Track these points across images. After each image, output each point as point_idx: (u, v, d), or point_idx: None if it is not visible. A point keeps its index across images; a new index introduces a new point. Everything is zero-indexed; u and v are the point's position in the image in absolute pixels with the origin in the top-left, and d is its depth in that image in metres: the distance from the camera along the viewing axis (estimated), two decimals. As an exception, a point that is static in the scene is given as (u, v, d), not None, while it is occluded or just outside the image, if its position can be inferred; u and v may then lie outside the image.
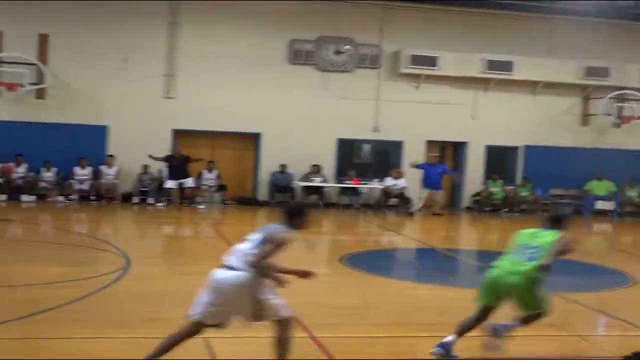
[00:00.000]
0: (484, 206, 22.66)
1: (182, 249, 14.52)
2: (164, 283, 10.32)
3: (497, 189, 22.69)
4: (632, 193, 23.20)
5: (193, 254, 13.66)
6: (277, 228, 6.29)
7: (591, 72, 22.97)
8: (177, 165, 20.29)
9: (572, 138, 23.65)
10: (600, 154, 23.53)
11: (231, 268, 6.17)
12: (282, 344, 6.27)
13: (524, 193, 22.73)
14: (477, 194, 23.05)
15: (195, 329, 6.27)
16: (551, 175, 23.18)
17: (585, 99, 23.72)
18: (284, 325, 6.24)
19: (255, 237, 6.27)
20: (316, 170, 21.62)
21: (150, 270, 11.20)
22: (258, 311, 6.16)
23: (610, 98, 23.05)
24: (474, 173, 23.12)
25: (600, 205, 23.01)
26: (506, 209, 22.43)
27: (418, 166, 21.44)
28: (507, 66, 22.50)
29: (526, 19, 22.98)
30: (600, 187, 23.15)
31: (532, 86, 23.26)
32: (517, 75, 22.63)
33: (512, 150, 23.48)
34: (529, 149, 23.40)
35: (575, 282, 11.80)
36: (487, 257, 14.66)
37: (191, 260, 12.58)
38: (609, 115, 23.04)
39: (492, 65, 22.40)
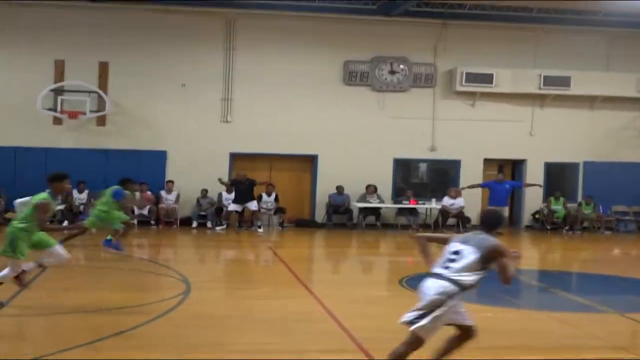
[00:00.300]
0: (544, 224, 22.32)
1: (242, 272, 14.57)
2: (225, 307, 10.35)
3: (558, 207, 22.32)
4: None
5: (253, 277, 13.71)
6: (486, 239, 6.59)
7: (653, 84, 22.58)
8: (244, 189, 20.40)
9: (633, 153, 23.20)
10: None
11: (442, 278, 6.46)
12: (454, 346, 6.76)
13: (587, 211, 22.32)
14: (537, 212, 22.72)
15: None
16: (612, 191, 22.77)
17: (649, 113, 23.31)
18: (466, 331, 6.70)
19: (465, 249, 6.54)
20: (372, 190, 21.56)
21: (211, 294, 11.25)
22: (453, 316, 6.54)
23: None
24: (534, 190, 22.78)
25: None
26: (567, 227, 22.04)
27: (483, 185, 21.22)
28: (564, 81, 22.23)
29: (582, 33, 22.70)
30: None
31: (590, 101, 22.92)
32: (574, 90, 22.34)
33: (572, 166, 23.13)
34: (589, 165, 23.02)
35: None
36: (549, 277, 14.50)
37: (252, 284, 12.63)
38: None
39: (549, 80, 22.16)
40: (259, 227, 20.44)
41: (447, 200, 21.54)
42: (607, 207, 22.69)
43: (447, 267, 6.53)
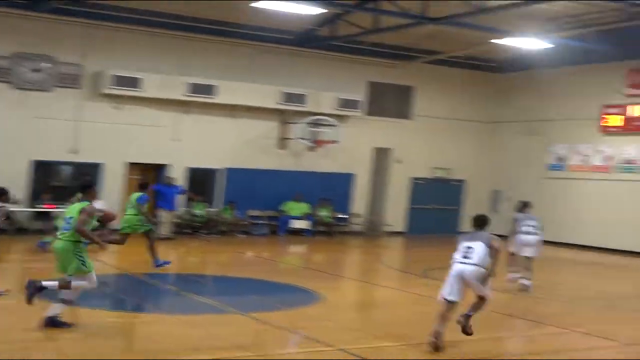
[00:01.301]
0: (184, 228, 22.76)
1: None
2: None
3: (199, 211, 22.98)
4: (323, 213, 24.66)
5: None
6: (486, 234, 9.73)
7: (289, 97, 24.11)
8: None
9: (270, 160, 24.64)
10: (296, 176, 24.76)
11: (471, 264, 9.39)
12: (477, 308, 9.66)
13: (227, 215, 23.26)
14: (177, 217, 23.08)
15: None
16: (249, 196, 23.93)
17: (283, 124, 24.84)
18: (481, 300, 9.63)
19: (475, 244, 9.50)
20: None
21: None
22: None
23: (306, 123, 24.36)
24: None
25: (296, 224, 24.18)
26: (206, 231, 22.70)
27: (154, 188, 21.21)
28: (209, 89, 22.91)
29: (229, 44, 23.62)
30: (295, 208, 24.36)
31: (232, 110, 23.89)
32: (219, 98, 23.13)
33: (214, 172, 23.92)
34: (230, 171, 24.00)
35: (266, 301, 12.31)
36: (182, 280, 14.90)
37: None
38: (305, 139, 24.32)
39: (195, 88, 22.71)
40: None
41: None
42: (243, 211, 23.84)
43: (467, 257, 9.45)
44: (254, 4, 19.04)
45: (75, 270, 9.27)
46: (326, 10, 20.61)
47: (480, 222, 9.97)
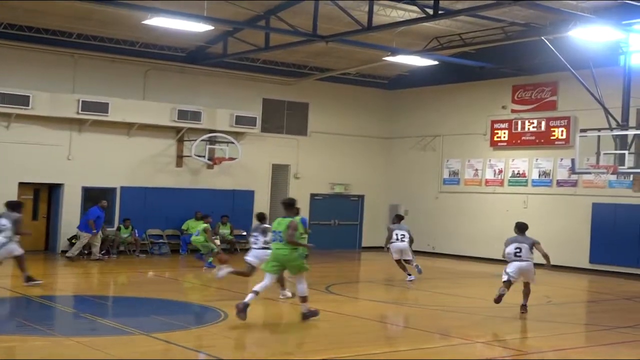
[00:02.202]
0: (82, 249, 22.12)
1: None
2: None
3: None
4: (224, 230, 24.48)
5: None
6: (530, 238, 13.91)
7: (184, 115, 23.89)
8: None
9: (167, 178, 24.34)
10: (195, 193, 24.54)
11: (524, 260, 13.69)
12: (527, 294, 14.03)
13: (125, 235, 22.79)
14: (74, 237, 22.47)
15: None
16: (148, 215, 23.61)
17: (179, 141, 24.60)
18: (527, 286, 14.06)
19: (522, 245, 13.70)
20: None
21: None
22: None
23: (203, 140, 24.20)
24: (71, 215, 22.63)
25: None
26: (103, 252, 22.11)
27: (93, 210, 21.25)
28: (102, 107, 22.47)
29: (122, 62, 23.28)
30: (196, 226, 24.03)
31: (127, 127, 23.52)
32: (112, 116, 22.71)
33: (110, 191, 23.43)
34: (126, 190, 23.57)
35: (169, 321, 12.11)
36: (82, 302, 14.49)
37: None
38: (202, 156, 24.15)
39: (88, 106, 22.23)
40: None
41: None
42: (142, 230, 23.44)
43: (518, 256, 13.65)
44: (145, 22, 18.83)
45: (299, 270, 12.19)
46: (215, 28, 20.57)
47: (523, 228, 13.95)
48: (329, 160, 27.43)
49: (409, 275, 18.62)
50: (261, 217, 15.36)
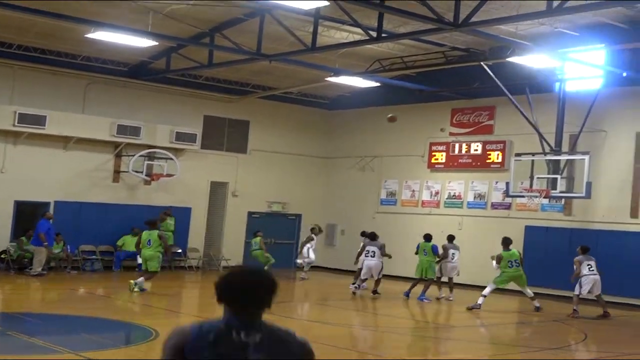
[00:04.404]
0: (10, 265, 21.63)
1: None
2: None
3: (30, 247, 21.88)
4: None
5: None
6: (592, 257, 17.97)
7: (123, 130, 23.64)
8: None
9: (103, 193, 24.00)
10: (132, 209, 24.22)
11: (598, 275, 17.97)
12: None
13: (56, 250, 22.34)
14: (3, 252, 21.94)
15: None
16: (81, 231, 23.20)
17: (117, 156, 24.32)
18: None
19: (594, 262, 17.53)
20: None
21: None
22: None
23: (141, 156, 23.95)
24: (2, 229, 22.11)
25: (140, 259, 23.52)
26: (31, 267, 21.57)
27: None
28: (39, 120, 22.10)
29: (61, 74, 22.97)
30: (132, 242, 23.72)
31: (65, 141, 23.16)
32: (49, 129, 22.35)
33: (43, 205, 22.97)
34: (60, 204, 23.15)
35: (99, 339, 11.93)
36: (9, 320, 14.15)
37: None
38: (140, 172, 23.89)
39: (24, 118, 21.84)
40: None
41: None
42: (74, 246, 23.03)
43: (592, 270, 17.42)
44: (88, 35, 18.65)
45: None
46: (158, 43, 20.49)
47: (588, 249, 17.97)
48: (268, 179, 27.41)
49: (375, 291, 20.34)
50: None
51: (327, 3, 15.92)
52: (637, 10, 18.19)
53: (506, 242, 18.77)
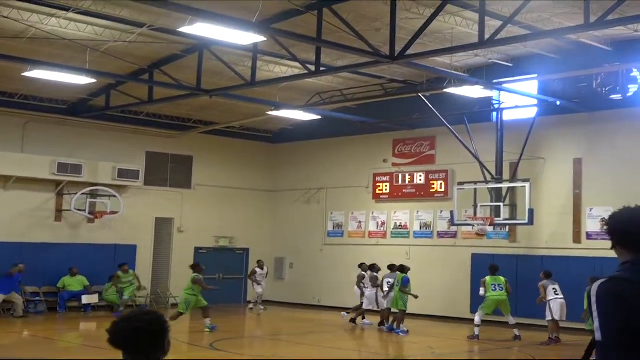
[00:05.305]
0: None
1: None
2: None
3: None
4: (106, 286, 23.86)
5: None
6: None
7: (64, 168, 23.34)
8: None
9: (45, 233, 23.60)
10: (75, 248, 23.86)
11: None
12: None
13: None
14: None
15: None
16: (26, 272, 22.64)
17: (59, 195, 23.98)
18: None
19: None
20: None
21: None
22: None
23: (83, 194, 23.65)
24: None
25: (85, 300, 23.21)
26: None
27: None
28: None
29: (0, 113, 22.67)
30: (74, 282, 23.38)
31: (4, 181, 22.80)
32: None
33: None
34: (1, 245, 22.67)
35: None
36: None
37: None
38: (82, 210, 23.57)
39: (-40, 159, 21.47)
40: None
41: None
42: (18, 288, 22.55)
43: (558, 294, 17.86)
44: (25, 74, 18.46)
45: None
46: (97, 81, 20.37)
47: (550, 273, 18.42)
48: (214, 214, 27.27)
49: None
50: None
51: (264, 38, 16.02)
52: (566, 41, 18.67)
53: (492, 269, 19.34)
